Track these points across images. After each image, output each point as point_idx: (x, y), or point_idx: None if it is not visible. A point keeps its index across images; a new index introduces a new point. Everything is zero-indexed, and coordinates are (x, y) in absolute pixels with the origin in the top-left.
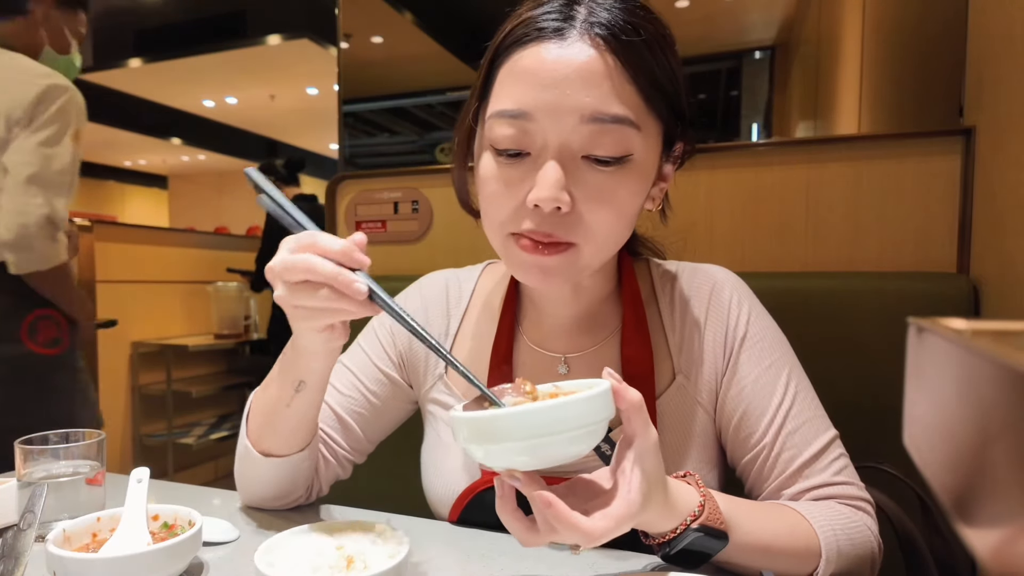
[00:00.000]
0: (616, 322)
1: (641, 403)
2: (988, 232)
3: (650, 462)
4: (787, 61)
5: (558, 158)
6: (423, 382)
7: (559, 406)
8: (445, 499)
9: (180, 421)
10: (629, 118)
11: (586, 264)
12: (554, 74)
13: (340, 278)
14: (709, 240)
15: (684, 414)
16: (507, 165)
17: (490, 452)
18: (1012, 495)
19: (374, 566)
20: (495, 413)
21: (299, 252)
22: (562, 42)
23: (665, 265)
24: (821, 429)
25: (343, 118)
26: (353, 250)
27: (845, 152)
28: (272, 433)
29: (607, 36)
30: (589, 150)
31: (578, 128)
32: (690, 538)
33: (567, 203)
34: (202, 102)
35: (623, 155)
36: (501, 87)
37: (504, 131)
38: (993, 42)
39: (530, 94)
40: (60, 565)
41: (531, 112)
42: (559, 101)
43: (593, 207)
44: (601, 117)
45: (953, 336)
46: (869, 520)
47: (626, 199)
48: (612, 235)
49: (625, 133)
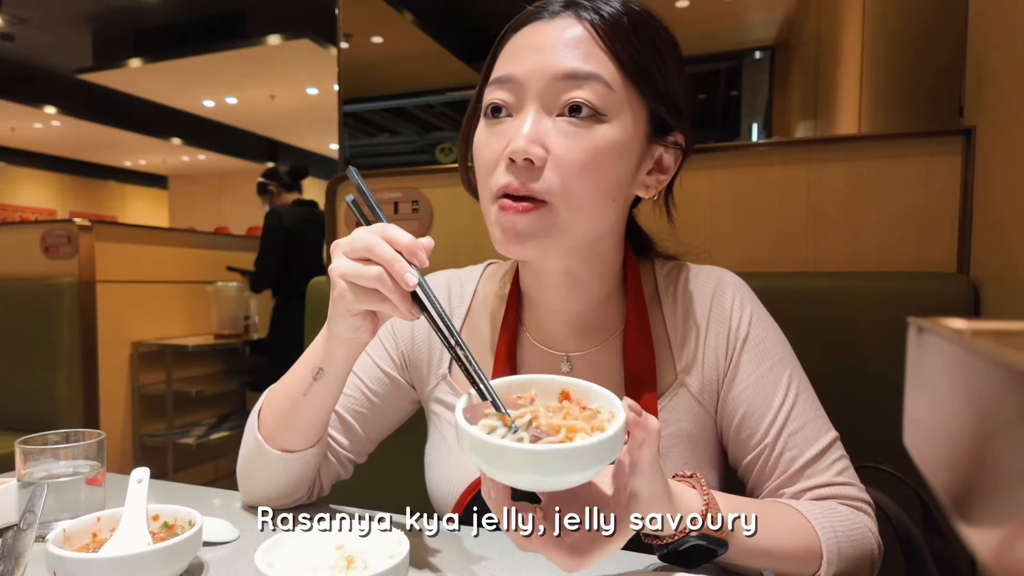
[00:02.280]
0: (619, 321)
1: (658, 433)
2: (988, 232)
3: (649, 485)
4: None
5: (535, 113)
6: (426, 382)
7: (572, 451)
8: (449, 498)
9: (180, 421)
10: (600, 76)
11: (564, 228)
12: (538, 43)
13: (396, 265)
14: (709, 240)
15: (685, 414)
16: (493, 125)
17: (491, 471)
18: (1012, 495)
19: (374, 566)
20: (503, 445)
21: (372, 234)
22: (551, 21)
23: (669, 265)
24: (822, 430)
25: (343, 118)
26: (418, 247)
27: (845, 152)
28: (286, 427)
29: (590, 15)
30: (563, 105)
31: (553, 85)
32: (690, 544)
33: (539, 156)
34: (202, 102)
35: (596, 110)
36: (498, 64)
37: (493, 95)
38: (993, 42)
39: (517, 61)
40: (60, 565)
41: (516, 75)
42: (539, 63)
43: (566, 161)
44: (574, 74)
45: (953, 336)
46: (869, 521)
47: (602, 161)
48: (586, 197)
49: (598, 89)
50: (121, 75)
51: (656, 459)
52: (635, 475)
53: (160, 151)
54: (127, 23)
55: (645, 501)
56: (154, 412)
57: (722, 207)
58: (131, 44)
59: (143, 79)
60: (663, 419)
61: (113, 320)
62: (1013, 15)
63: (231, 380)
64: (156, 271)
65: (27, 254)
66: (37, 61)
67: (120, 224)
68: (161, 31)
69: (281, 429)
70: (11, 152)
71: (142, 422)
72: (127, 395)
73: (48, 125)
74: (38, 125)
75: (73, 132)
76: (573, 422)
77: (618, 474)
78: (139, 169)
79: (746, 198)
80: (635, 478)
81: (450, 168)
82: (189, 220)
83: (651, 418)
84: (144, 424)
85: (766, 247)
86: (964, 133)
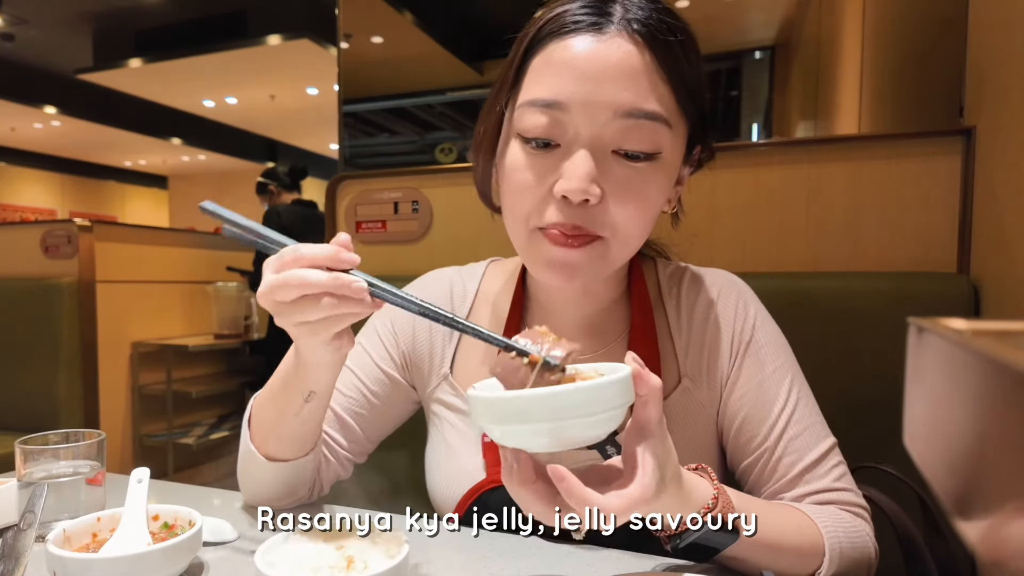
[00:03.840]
0: (624, 325)
1: (660, 390)
2: (988, 232)
3: (662, 449)
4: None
5: (589, 150)
6: (427, 382)
7: (582, 390)
8: (449, 500)
9: (180, 421)
10: (663, 115)
11: (612, 260)
12: (592, 66)
13: (338, 282)
14: (709, 240)
15: (688, 417)
16: (536, 155)
17: (507, 433)
18: (1012, 494)
19: (374, 566)
20: (518, 394)
21: (286, 269)
22: (600, 36)
23: (671, 266)
24: (821, 436)
25: (343, 118)
26: (340, 252)
27: (845, 152)
28: (278, 440)
29: (645, 34)
30: (620, 144)
31: (612, 122)
32: (703, 531)
33: (597, 195)
34: (202, 102)
35: (654, 152)
36: (535, 76)
37: (536, 120)
38: (993, 42)
39: (566, 84)
40: (60, 565)
41: (566, 102)
42: (595, 94)
43: (621, 202)
44: (635, 112)
45: (953, 336)
46: (867, 527)
47: (653, 196)
48: (637, 231)
49: (657, 130)
50: (121, 75)
51: (662, 421)
52: (645, 437)
53: (160, 151)
54: (127, 23)
55: (661, 467)
56: (154, 412)
57: (722, 207)
58: (131, 44)
59: (143, 79)
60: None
61: (113, 320)
62: (1013, 15)
63: (231, 380)
64: (156, 271)
65: (27, 254)
66: (37, 61)
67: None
68: (161, 31)
69: (272, 442)
70: (11, 152)
71: (142, 422)
72: (127, 395)
73: (48, 125)
74: (38, 125)
75: (73, 132)
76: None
77: (629, 441)
78: (139, 169)
79: (746, 198)
80: (646, 440)
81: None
82: (189, 220)
83: (653, 375)
84: (144, 424)
85: (766, 247)
86: (964, 133)
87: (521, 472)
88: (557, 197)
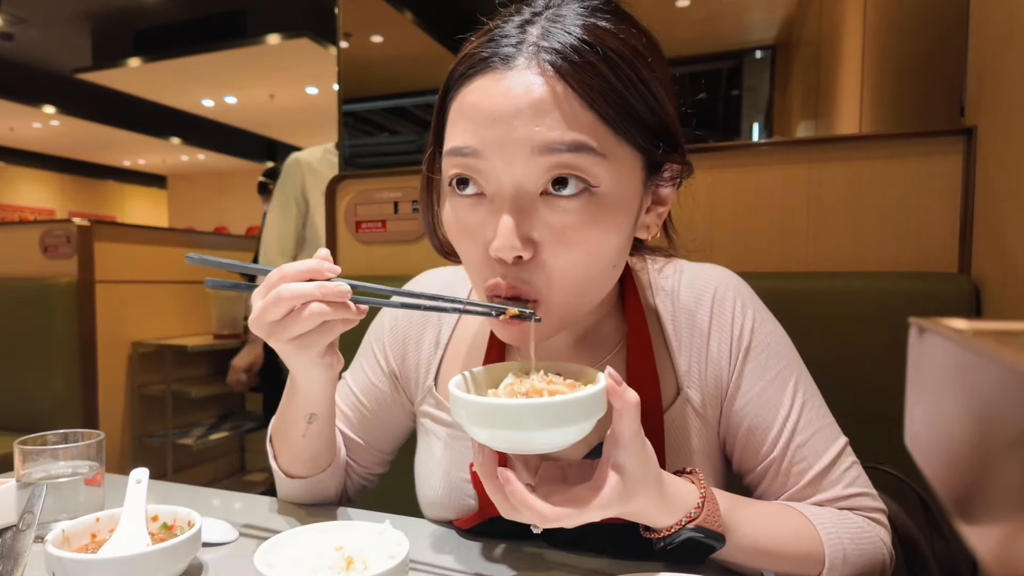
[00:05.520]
0: (618, 337)
1: (636, 404)
2: (989, 232)
3: (632, 459)
4: (788, 61)
5: (514, 199)
6: (415, 394)
7: (547, 405)
8: (436, 510)
9: (179, 421)
10: (588, 144)
11: (560, 317)
12: (499, 107)
13: (323, 288)
14: (709, 240)
15: (689, 427)
16: (465, 208)
17: (473, 431)
18: (1014, 495)
19: (374, 566)
20: (493, 402)
21: (272, 289)
22: (508, 72)
23: (663, 263)
24: (831, 439)
25: (343, 118)
26: (321, 263)
27: (846, 152)
28: (293, 460)
29: (555, 60)
30: (546, 184)
31: (530, 162)
32: (686, 536)
33: (528, 251)
34: (201, 102)
35: (587, 186)
36: (452, 125)
37: (457, 171)
38: (994, 41)
39: (477, 130)
40: (59, 566)
41: (479, 148)
42: (507, 136)
43: (559, 251)
44: (554, 147)
45: (954, 336)
46: (883, 532)
47: (597, 238)
48: (585, 279)
49: (584, 162)
50: (120, 74)
51: (638, 434)
52: (616, 448)
53: (159, 151)
54: (127, 22)
55: (629, 478)
56: (153, 412)
57: (722, 207)
58: (130, 43)
59: (142, 78)
60: (668, 433)
61: (112, 320)
62: (1014, 15)
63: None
64: (155, 271)
65: (26, 254)
66: (36, 60)
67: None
68: (160, 30)
69: (289, 462)
70: (10, 152)
71: (141, 422)
72: (126, 395)
73: (47, 125)
74: (37, 125)
75: (72, 132)
76: (555, 387)
77: (605, 449)
78: (138, 169)
79: (747, 198)
80: (616, 451)
81: None
82: (188, 220)
83: (630, 390)
84: (143, 424)
85: (766, 247)
86: (965, 133)
87: (486, 465)
88: (494, 257)
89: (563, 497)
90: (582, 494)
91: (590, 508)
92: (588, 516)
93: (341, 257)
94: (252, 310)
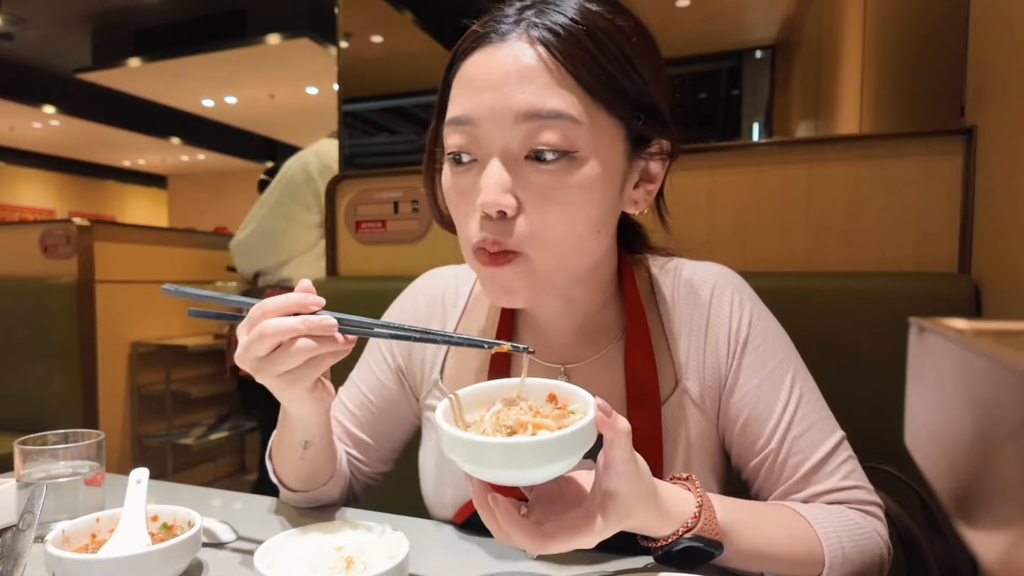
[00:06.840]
0: (617, 330)
1: (627, 432)
2: (989, 232)
3: (625, 485)
4: (788, 60)
5: (501, 160)
6: (420, 389)
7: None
8: (441, 504)
9: (179, 421)
10: (568, 113)
11: (545, 274)
12: (490, 75)
13: (309, 322)
14: (709, 240)
15: (687, 420)
16: (460, 173)
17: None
18: (1014, 495)
19: (374, 567)
20: (478, 441)
21: (256, 326)
22: (500, 44)
23: (663, 260)
24: (827, 432)
25: (343, 118)
26: (304, 297)
27: (846, 152)
28: (294, 477)
29: (543, 34)
30: (530, 147)
31: (516, 127)
32: (683, 546)
33: (511, 206)
34: (201, 101)
35: (565, 150)
36: (453, 97)
37: (454, 138)
38: (995, 42)
39: (471, 99)
40: (59, 566)
41: (473, 116)
42: (496, 102)
43: (540, 209)
44: (537, 112)
45: (954, 336)
46: (879, 525)
47: (578, 199)
48: (568, 240)
49: (565, 128)
50: (120, 74)
51: (631, 459)
52: (608, 475)
53: (159, 151)
54: (126, 22)
55: (623, 501)
56: (153, 412)
57: (722, 207)
58: (130, 43)
59: (142, 78)
60: (665, 426)
61: (112, 320)
62: (1014, 15)
63: (230, 380)
64: (155, 271)
65: (26, 254)
66: (36, 60)
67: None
68: (160, 30)
69: (291, 480)
70: (10, 152)
71: (141, 422)
72: (126, 395)
73: (47, 125)
74: (37, 125)
75: (72, 132)
76: (541, 420)
77: (597, 474)
78: (138, 169)
79: (746, 198)
80: (608, 478)
81: None
82: (188, 220)
83: (620, 419)
84: (143, 424)
85: (766, 247)
86: (965, 133)
87: (477, 493)
88: (480, 213)
89: (556, 525)
90: (575, 521)
91: (583, 536)
92: (581, 543)
93: (341, 257)
94: (238, 345)
